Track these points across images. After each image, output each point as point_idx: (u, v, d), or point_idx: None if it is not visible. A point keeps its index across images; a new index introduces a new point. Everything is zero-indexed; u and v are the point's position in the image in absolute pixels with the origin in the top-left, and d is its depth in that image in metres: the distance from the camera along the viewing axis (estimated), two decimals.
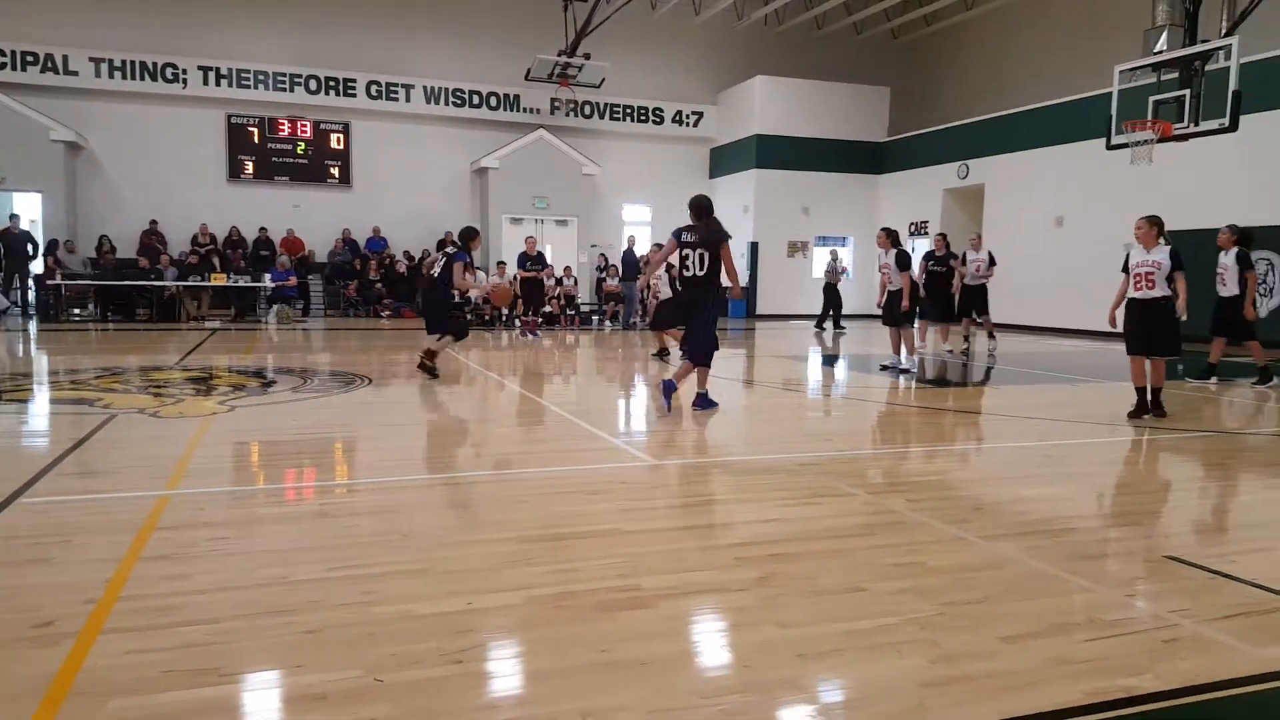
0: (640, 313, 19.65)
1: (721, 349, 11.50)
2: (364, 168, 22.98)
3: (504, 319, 19.36)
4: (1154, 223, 7.83)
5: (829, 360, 14.26)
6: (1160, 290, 7.72)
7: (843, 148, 25.10)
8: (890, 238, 11.34)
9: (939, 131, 23.95)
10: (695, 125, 26.07)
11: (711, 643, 3.07)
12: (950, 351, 13.72)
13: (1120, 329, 8.40)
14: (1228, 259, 10.12)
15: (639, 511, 4.57)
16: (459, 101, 23.50)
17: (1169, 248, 7.71)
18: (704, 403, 7.93)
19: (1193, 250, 16.08)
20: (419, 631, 2.93)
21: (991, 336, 14.29)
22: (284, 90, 22.08)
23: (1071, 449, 6.81)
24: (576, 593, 3.32)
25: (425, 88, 23.19)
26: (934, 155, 23.70)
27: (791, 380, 11.42)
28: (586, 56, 21.16)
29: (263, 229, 21.54)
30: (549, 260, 22.17)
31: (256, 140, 22.09)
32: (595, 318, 21.09)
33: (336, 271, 21.75)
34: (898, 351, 11.51)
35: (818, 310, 22.23)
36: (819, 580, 3.54)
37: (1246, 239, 10.18)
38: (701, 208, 7.76)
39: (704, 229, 7.66)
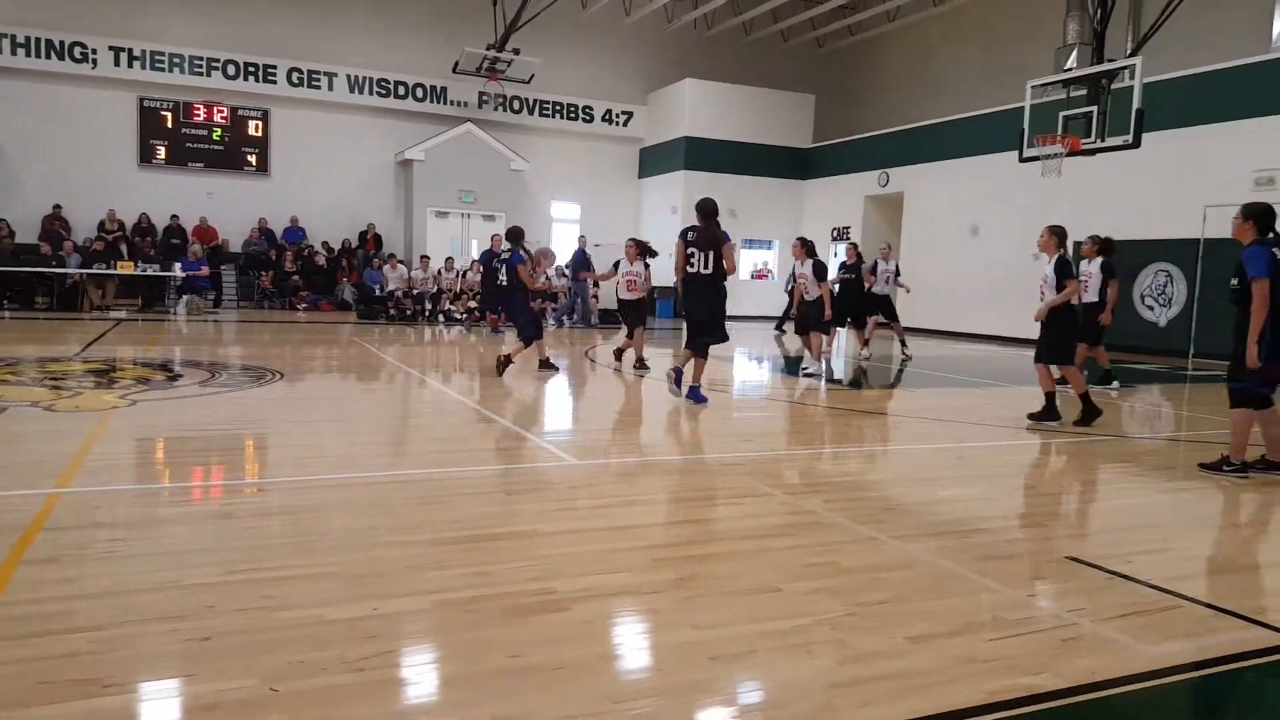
0: (583, 313, 19.56)
1: (649, 349, 11.59)
2: (283, 156, 22.36)
3: (428, 314, 19.06)
4: (1054, 232, 7.88)
5: (756, 361, 14.40)
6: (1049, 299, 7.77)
7: (769, 152, 25.43)
8: (805, 248, 11.47)
9: (861, 140, 24.45)
10: (625, 125, 26.09)
11: (627, 646, 3.04)
12: (868, 357, 14.00)
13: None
14: (1090, 267, 10.47)
15: (558, 512, 4.53)
16: (384, 92, 23.06)
17: (1054, 258, 7.76)
18: (696, 395, 8.37)
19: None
20: (321, 638, 2.83)
21: (904, 344, 14.63)
22: (200, 74, 21.34)
23: (982, 451, 7.00)
24: (489, 596, 3.26)
25: (349, 76, 22.68)
26: (856, 163, 24.18)
27: (716, 380, 11.48)
28: (516, 52, 20.99)
29: (174, 217, 20.79)
30: (475, 255, 21.96)
31: (170, 125, 21.30)
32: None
33: (251, 262, 21.13)
34: (818, 357, 11.70)
35: (745, 312, 22.43)
36: (735, 581, 3.55)
37: (1108, 249, 10.59)
38: (706, 210, 8.21)
39: (706, 230, 8.14)
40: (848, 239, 23.63)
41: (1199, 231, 15.44)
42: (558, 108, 25.11)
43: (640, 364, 11.09)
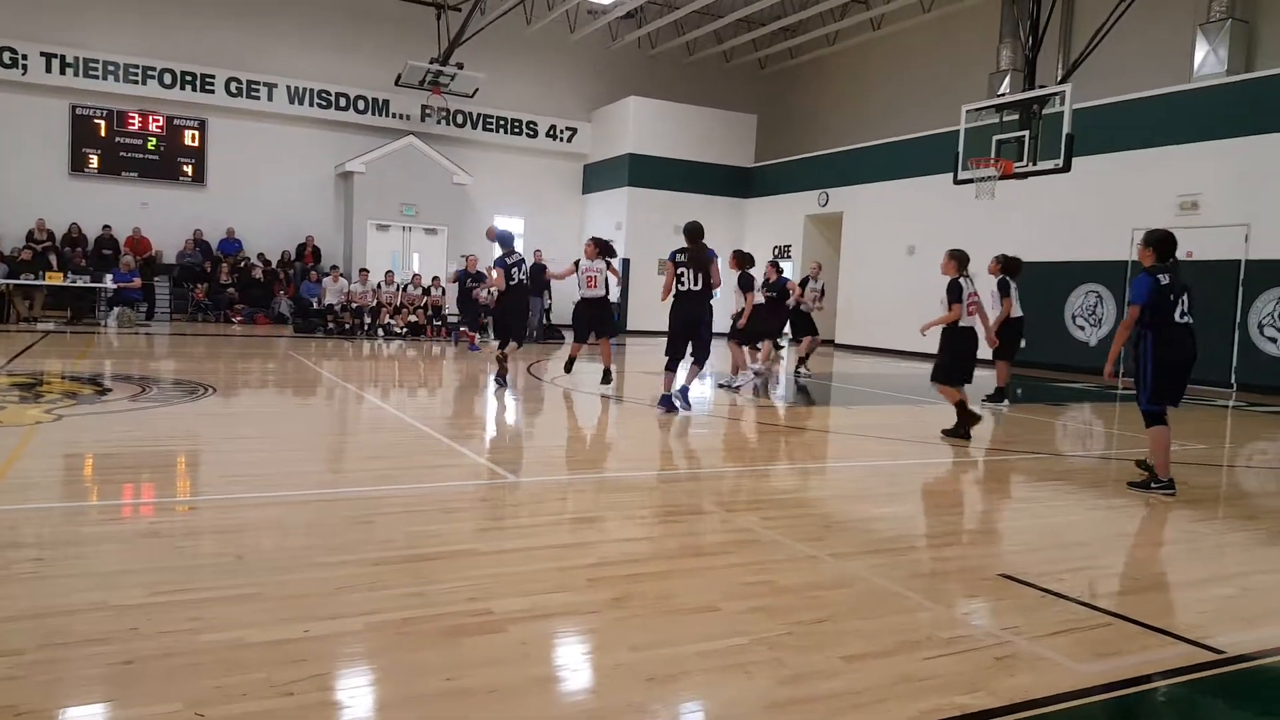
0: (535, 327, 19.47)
1: (596, 364, 11.56)
2: (220, 166, 21.90)
3: (367, 329, 18.78)
4: (953, 256, 8.32)
5: (698, 378, 14.42)
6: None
7: (712, 171, 25.66)
8: (739, 260, 11.66)
9: (802, 160, 24.82)
10: (569, 141, 26.11)
11: (564, 667, 3.01)
12: (808, 374, 14.14)
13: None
14: (991, 285, 10.93)
15: (495, 531, 4.48)
16: (325, 103, 22.75)
17: (949, 280, 8.19)
18: (668, 405, 8.91)
19: (1029, 282, 17.21)
20: (248, 661, 2.75)
21: (806, 359, 14.72)
22: (136, 83, 20.83)
23: (918, 468, 7.11)
24: (424, 617, 3.20)
25: (289, 87, 22.33)
26: (797, 182, 24.53)
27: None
28: (460, 66, 20.89)
29: (106, 227, 20.20)
30: (416, 269, 21.72)
31: (103, 134, 20.73)
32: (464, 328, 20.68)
33: (185, 273, 20.61)
34: (745, 367, 11.88)
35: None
36: (673, 600, 3.54)
37: (1011, 269, 11.07)
38: (693, 233, 9.12)
39: (695, 250, 8.95)
40: (790, 256, 23.93)
41: (1127, 254, 15.95)
42: (502, 122, 25.05)
43: (606, 377, 10.95)
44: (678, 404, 9.03)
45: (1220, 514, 6.01)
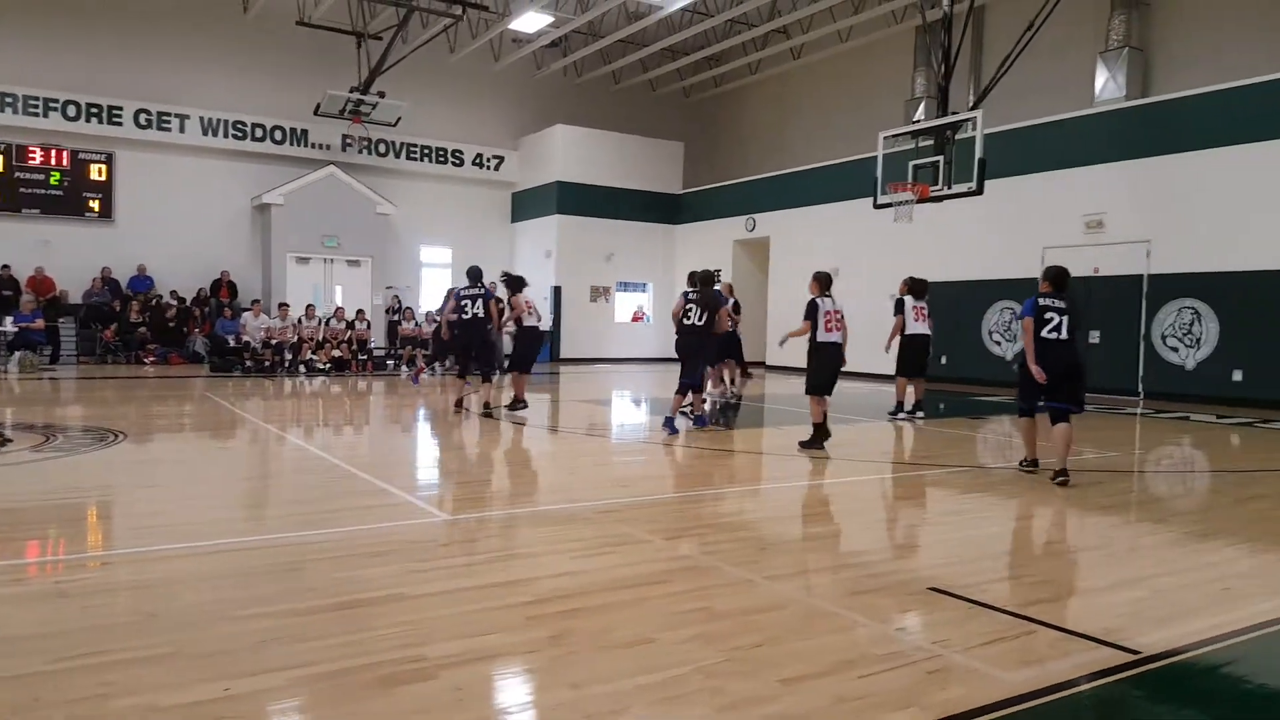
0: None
1: (528, 395, 11.50)
2: (129, 201, 21.21)
3: (287, 365, 18.33)
4: (815, 278, 9.04)
5: (634, 404, 14.47)
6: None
7: (641, 198, 25.86)
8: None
9: (728, 186, 25.19)
10: (496, 169, 26.03)
11: (501, 711, 2.94)
12: (737, 396, 14.30)
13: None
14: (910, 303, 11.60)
15: (427, 572, 4.37)
16: (240, 134, 22.27)
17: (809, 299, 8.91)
18: (671, 427, 9.64)
19: (948, 301, 17.67)
20: None
21: (733, 381, 14.93)
22: (36, 115, 20.09)
23: (850, 485, 7.21)
24: (354, 668, 3.09)
25: (202, 118, 21.81)
26: (724, 208, 24.86)
27: (595, 425, 11.47)
28: (381, 94, 20.69)
29: (5, 266, 19.38)
30: (339, 302, 21.33)
31: (1, 169, 19.92)
32: (390, 363, 20.38)
33: (93, 314, 19.84)
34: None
35: (620, 354, 22.59)
36: (611, 634, 3.50)
37: (914, 290, 11.71)
38: (705, 279, 10.25)
39: (704, 293, 10.01)
40: (719, 281, 24.16)
41: (1039, 271, 16.50)
42: (426, 151, 24.86)
43: (516, 404, 11.40)
44: (678, 426, 9.88)
45: (1133, 518, 6.23)
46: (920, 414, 11.75)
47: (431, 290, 25.02)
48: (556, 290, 24.83)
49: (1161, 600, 4.13)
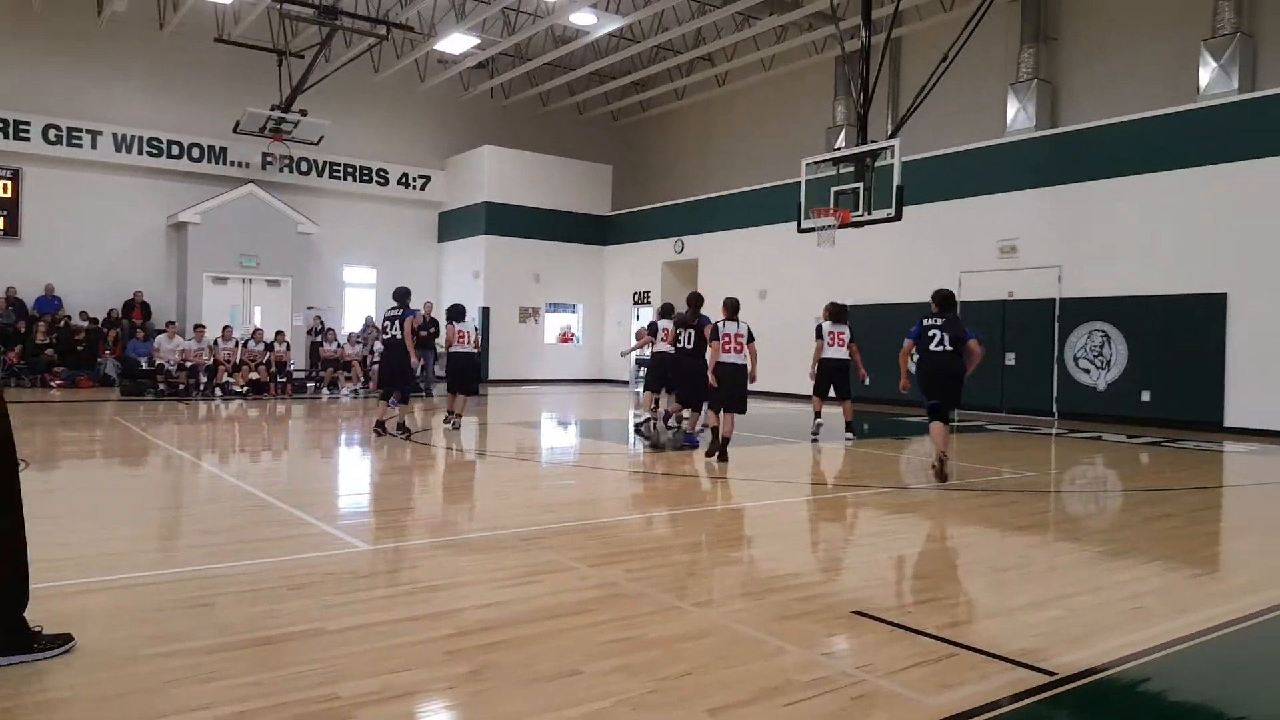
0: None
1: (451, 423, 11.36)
2: (37, 219, 20.38)
3: (203, 388, 17.76)
4: (725, 304, 9.84)
5: (562, 425, 14.38)
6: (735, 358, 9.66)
7: (570, 219, 25.89)
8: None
9: (657, 209, 25.39)
10: (423, 189, 25.76)
11: None
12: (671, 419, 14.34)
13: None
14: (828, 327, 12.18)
15: (344, 606, 4.24)
16: (155, 151, 21.61)
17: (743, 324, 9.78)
18: (691, 440, 10.68)
19: (870, 323, 18.05)
20: None
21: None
22: None
23: (775, 508, 7.27)
24: (264, 709, 2.97)
25: (115, 135, 21.11)
26: (653, 230, 25.04)
27: (524, 449, 11.35)
28: (303, 113, 20.30)
29: None
30: (258, 323, 20.79)
31: None
32: (311, 385, 19.91)
33: None
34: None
35: (549, 375, 22.42)
36: (534, 667, 3.44)
37: (831, 314, 12.24)
38: (695, 302, 10.99)
39: (692, 316, 10.72)
40: (649, 302, 24.29)
41: (957, 295, 16.96)
42: (350, 170, 24.48)
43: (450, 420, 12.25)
44: (699, 439, 10.78)
45: (1049, 537, 6.39)
46: (849, 435, 12.02)
47: (355, 311, 24.59)
48: (485, 311, 24.63)
49: (1077, 619, 4.23)
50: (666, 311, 12.37)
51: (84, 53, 20.91)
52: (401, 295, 11.56)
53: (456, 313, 12.62)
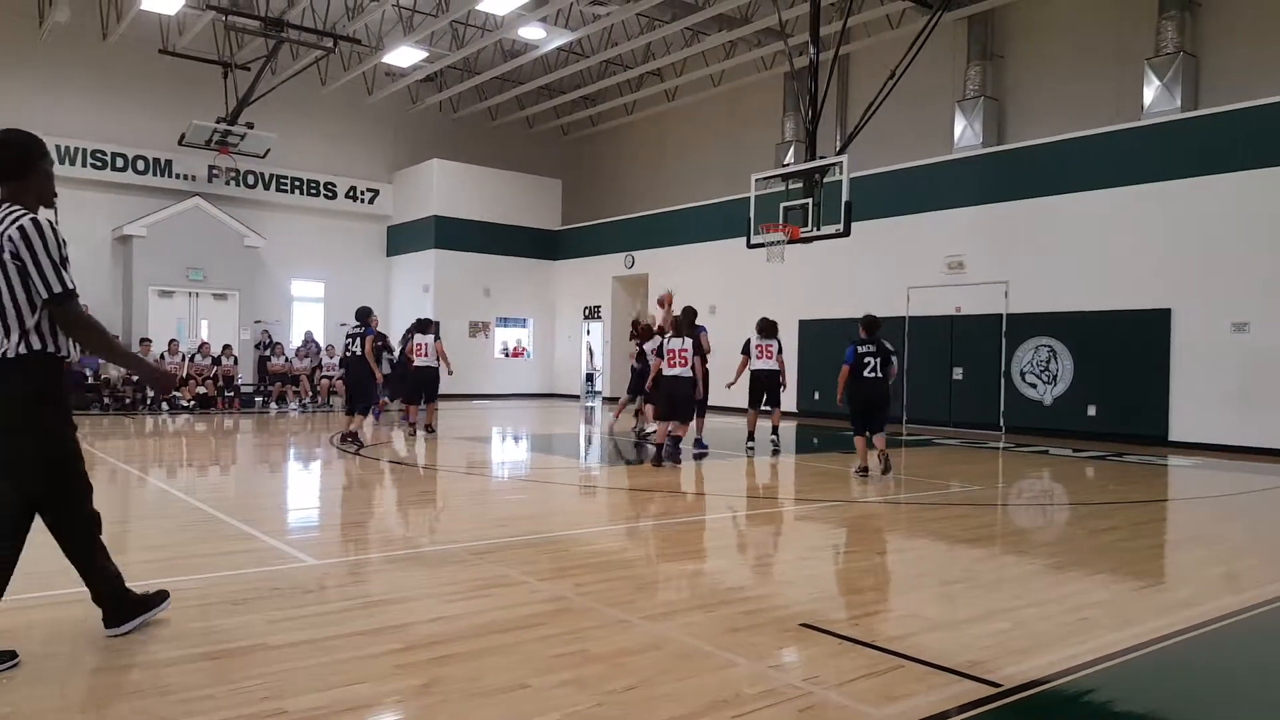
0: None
1: (405, 430, 11.25)
2: None
3: (149, 403, 17.40)
4: (673, 322, 10.87)
5: (514, 440, 14.32)
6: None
7: (520, 233, 25.85)
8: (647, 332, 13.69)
9: (607, 224, 25.46)
10: (371, 202, 25.55)
11: None
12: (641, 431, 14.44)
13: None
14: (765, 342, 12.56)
15: (293, 620, 4.19)
16: (100, 163, 21.17)
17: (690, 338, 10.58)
18: (700, 445, 11.56)
19: (819, 338, 18.25)
20: None
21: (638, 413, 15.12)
22: None
23: (726, 521, 7.32)
24: None
25: (59, 146, 20.60)
26: (603, 245, 25.09)
27: (474, 463, 11.28)
28: (250, 125, 20.04)
29: None
30: (205, 337, 20.42)
31: None
32: (259, 399, 19.58)
33: None
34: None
35: (500, 390, 22.26)
36: (482, 681, 3.43)
37: (761, 329, 12.47)
38: (688, 321, 11.14)
39: (687, 330, 10.96)
40: (600, 317, 24.31)
41: (905, 310, 17.27)
42: (297, 183, 24.19)
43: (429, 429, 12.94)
44: (695, 450, 11.46)
45: (996, 550, 6.51)
46: (775, 439, 12.42)
47: (303, 325, 24.25)
48: (435, 325, 24.45)
49: (1023, 632, 4.29)
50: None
51: (26, 63, 20.44)
52: (363, 314, 12.30)
53: (418, 326, 13.58)
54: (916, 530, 6.97)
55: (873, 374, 9.34)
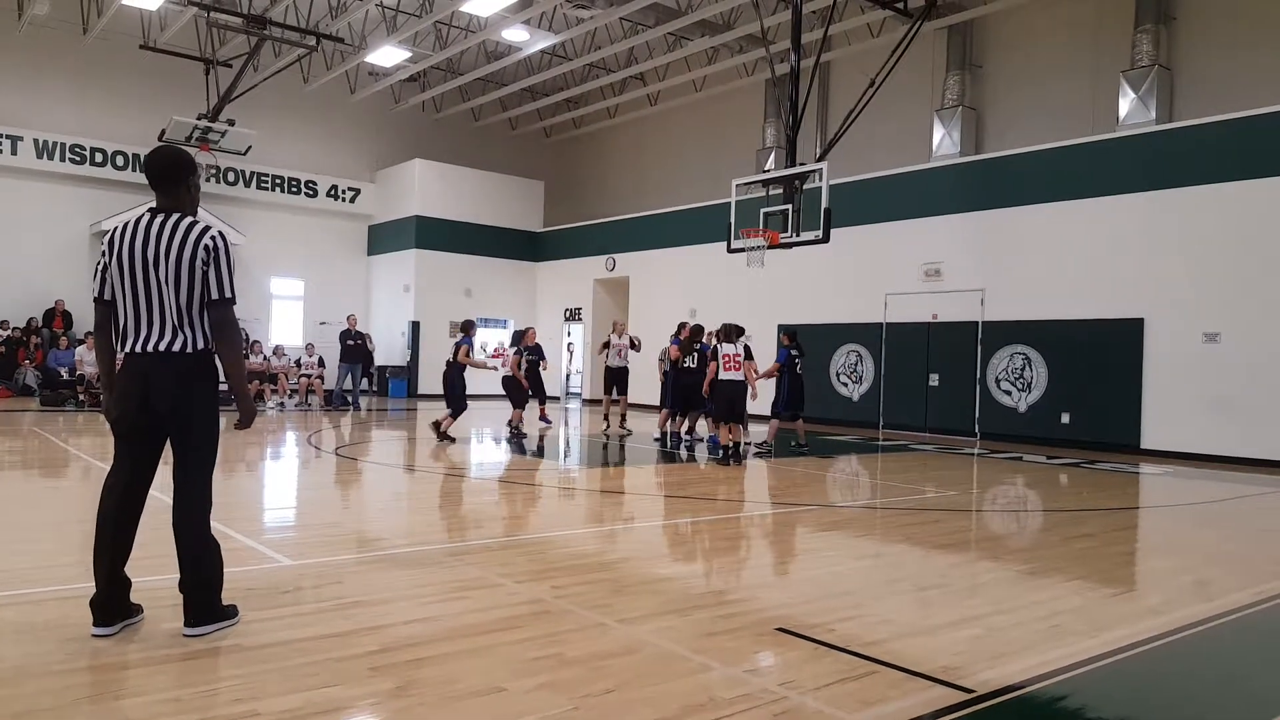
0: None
1: (384, 431, 11.19)
2: None
3: None
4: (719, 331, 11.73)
5: (494, 441, 14.27)
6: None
7: (502, 234, 25.82)
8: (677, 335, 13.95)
9: (589, 226, 25.48)
10: (352, 201, 25.44)
11: None
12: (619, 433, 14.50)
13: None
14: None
15: (266, 622, 4.16)
16: (79, 158, 20.99)
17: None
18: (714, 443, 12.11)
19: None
20: None
21: (624, 420, 15.19)
22: None
23: (704, 525, 7.33)
24: None
25: (37, 141, 20.46)
26: (584, 247, 25.10)
27: (453, 464, 11.24)
28: (231, 122, 19.89)
29: None
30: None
31: None
32: None
33: None
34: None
35: (481, 390, 22.11)
36: (458, 684, 3.42)
37: (726, 335, 12.03)
38: (696, 331, 12.97)
39: (692, 341, 12.73)
40: (581, 319, 24.29)
41: (882, 316, 17.39)
42: (278, 181, 24.06)
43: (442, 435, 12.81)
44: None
45: (971, 556, 6.57)
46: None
47: (283, 323, 24.11)
48: (415, 325, 24.37)
49: (996, 637, 4.32)
50: (730, 334, 11.78)
51: (4, 56, 20.29)
52: (465, 325, 13.87)
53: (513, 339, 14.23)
54: (892, 535, 7.02)
55: (800, 372, 12.73)
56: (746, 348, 11.92)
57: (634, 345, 15.32)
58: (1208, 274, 13.49)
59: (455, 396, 13.01)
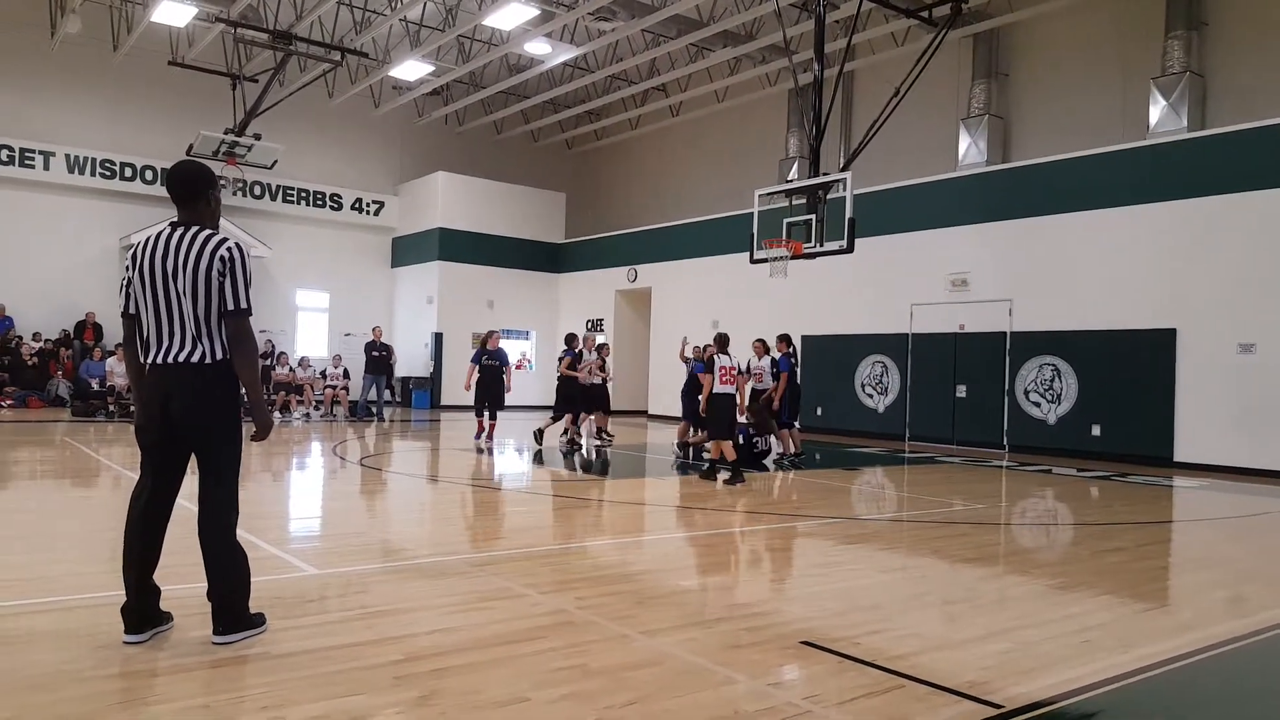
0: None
1: (408, 442, 11.23)
2: None
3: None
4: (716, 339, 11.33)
5: (516, 452, 14.30)
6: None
7: (524, 246, 25.93)
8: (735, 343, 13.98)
9: (611, 237, 25.53)
10: (376, 214, 25.66)
11: None
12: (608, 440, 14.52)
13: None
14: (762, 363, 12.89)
15: (292, 630, 4.18)
16: (109, 173, 21.32)
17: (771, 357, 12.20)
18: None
19: (821, 354, 18.23)
20: None
21: (601, 431, 15.02)
22: None
23: (726, 537, 7.30)
24: None
25: (69, 156, 20.82)
26: (606, 259, 25.15)
27: (477, 475, 11.28)
28: (257, 136, 20.12)
29: None
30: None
31: None
32: None
33: None
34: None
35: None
36: (482, 694, 3.42)
37: (721, 344, 11.95)
38: (721, 342, 11.42)
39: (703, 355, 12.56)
40: (603, 329, 24.32)
41: (908, 327, 17.27)
42: (304, 194, 24.31)
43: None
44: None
45: (999, 570, 6.49)
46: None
47: (308, 335, 24.32)
48: (438, 336, 24.51)
49: (1025, 652, 4.25)
50: (725, 344, 11.42)
51: (36, 73, 20.64)
52: (568, 339, 14.57)
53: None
54: (919, 548, 6.95)
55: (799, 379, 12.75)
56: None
57: (602, 365, 14.91)
58: (1242, 283, 13.28)
59: (564, 401, 14.26)
